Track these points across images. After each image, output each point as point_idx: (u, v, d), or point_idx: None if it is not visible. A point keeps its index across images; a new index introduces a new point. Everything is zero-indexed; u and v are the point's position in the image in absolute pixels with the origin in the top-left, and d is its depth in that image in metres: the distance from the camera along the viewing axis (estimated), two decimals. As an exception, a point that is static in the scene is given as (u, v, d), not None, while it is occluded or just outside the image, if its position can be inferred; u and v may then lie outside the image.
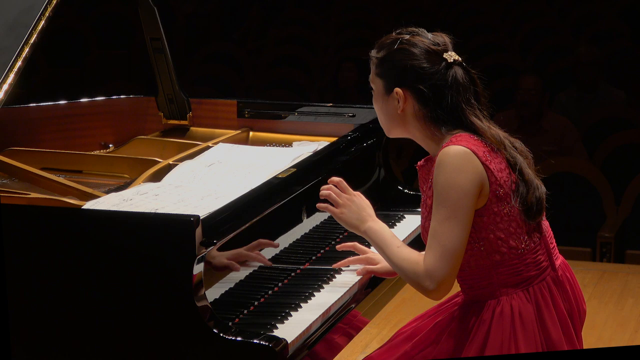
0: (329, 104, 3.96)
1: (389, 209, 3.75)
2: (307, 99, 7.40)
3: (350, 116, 3.86)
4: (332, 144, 3.62)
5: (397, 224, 3.62)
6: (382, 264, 3.06)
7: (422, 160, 2.88)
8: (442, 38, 2.81)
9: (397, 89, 2.79)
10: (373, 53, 2.85)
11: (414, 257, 2.76)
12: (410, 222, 3.64)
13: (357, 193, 2.92)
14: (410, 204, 3.75)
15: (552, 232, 2.88)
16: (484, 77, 2.84)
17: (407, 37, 2.80)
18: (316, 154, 3.49)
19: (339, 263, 3.12)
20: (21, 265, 2.69)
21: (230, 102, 4.03)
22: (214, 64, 9.40)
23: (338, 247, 3.12)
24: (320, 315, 2.85)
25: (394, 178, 3.88)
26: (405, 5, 9.77)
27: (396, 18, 9.63)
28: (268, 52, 9.64)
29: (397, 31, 2.85)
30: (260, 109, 3.99)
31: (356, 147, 3.68)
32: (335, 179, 2.93)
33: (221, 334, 2.57)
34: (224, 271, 2.82)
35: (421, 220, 2.87)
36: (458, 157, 2.68)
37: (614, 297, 5.57)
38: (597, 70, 7.53)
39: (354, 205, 2.89)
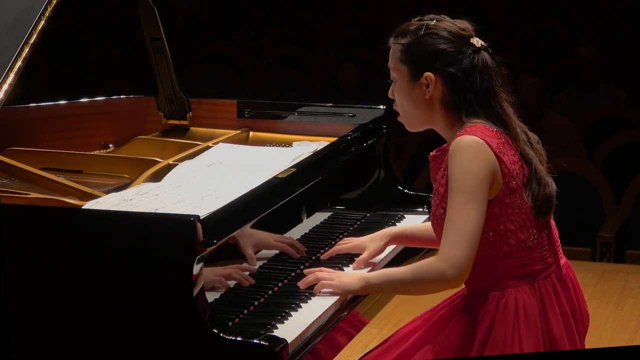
0: (329, 104, 3.96)
1: (389, 209, 3.75)
2: (307, 99, 7.40)
3: (350, 116, 3.86)
4: (332, 144, 3.62)
5: (397, 224, 3.61)
6: (369, 251, 3.12)
7: (435, 150, 2.88)
8: (466, 24, 2.85)
9: (428, 74, 2.78)
10: (394, 40, 2.86)
11: (423, 261, 2.80)
12: (410, 222, 3.64)
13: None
14: (410, 204, 3.75)
15: (557, 232, 2.89)
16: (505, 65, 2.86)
17: (433, 22, 2.82)
18: (316, 154, 3.49)
19: (326, 254, 3.17)
20: (21, 265, 2.68)
21: (230, 102, 4.03)
22: (214, 64, 9.40)
23: (322, 256, 3.18)
24: (320, 316, 2.85)
25: (394, 178, 3.88)
26: (405, 5, 9.77)
27: (396, 18, 9.62)
28: (268, 52, 9.64)
29: (417, 18, 2.87)
30: (260, 109, 3.99)
31: (356, 147, 3.68)
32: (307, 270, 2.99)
33: (221, 334, 2.57)
34: (231, 263, 2.83)
35: (432, 208, 2.86)
36: (472, 146, 2.68)
37: (614, 297, 5.57)
38: (597, 70, 7.54)
39: (339, 272, 2.96)
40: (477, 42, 2.81)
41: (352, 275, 2.93)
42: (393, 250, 3.32)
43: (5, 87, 3.22)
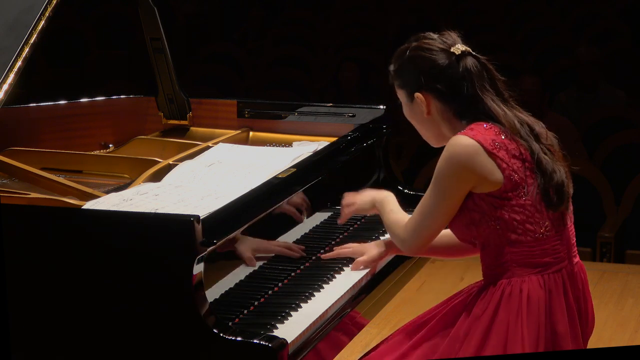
0: (329, 104, 3.96)
1: (389, 209, 3.74)
2: (307, 99, 7.40)
3: (350, 116, 3.86)
4: (332, 144, 3.62)
5: (397, 224, 3.62)
6: (369, 254, 3.17)
7: None
8: (449, 35, 2.90)
9: (418, 94, 2.88)
10: (390, 68, 2.96)
11: (401, 221, 2.98)
12: (410, 222, 3.64)
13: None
14: (411, 204, 3.72)
15: (574, 231, 2.92)
16: (496, 62, 2.91)
17: (415, 43, 2.90)
18: (316, 154, 3.49)
19: (327, 254, 3.20)
20: (21, 265, 2.69)
21: (230, 102, 4.03)
22: (214, 64, 9.40)
23: (323, 256, 3.21)
24: (320, 316, 2.85)
25: (394, 178, 3.88)
26: (405, 5, 9.77)
27: (396, 18, 9.63)
28: (268, 52, 9.63)
29: (407, 42, 2.94)
30: (260, 109, 3.99)
31: (356, 147, 3.68)
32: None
33: (221, 334, 2.57)
34: (231, 263, 2.83)
35: None
36: (461, 150, 2.76)
37: (614, 297, 5.57)
38: (597, 70, 7.53)
39: (364, 193, 3.18)
40: (457, 49, 2.85)
41: (366, 201, 3.16)
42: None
43: (5, 87, 3.22)
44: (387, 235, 3.39)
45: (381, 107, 3.85)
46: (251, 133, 3.96)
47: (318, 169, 3.37)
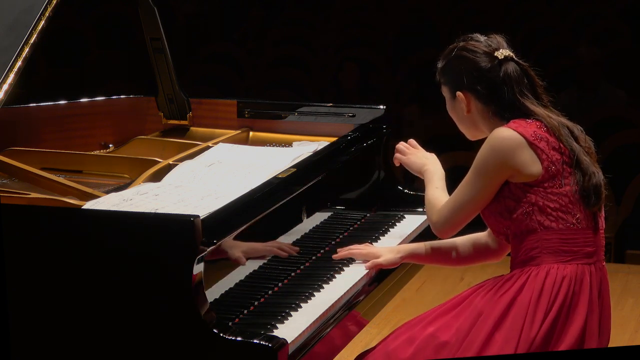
0: (329, 104, 3.97)
1: (389, 209, 3.75)
2: (307, 99, 7.39)
3: (350, 116, 3.86)
4: (332, 144, 3.62)
5: (397, 224, 3.62)
6: (385, 257, 3.16)
7: None
8: (495, 39, 3.01)
9: (459, 93, 3.00)
10: (438, 65, 3.06)
11: (439, 200, 3.03)
12: (410, 222, 3.64)
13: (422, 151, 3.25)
14: (411, 204, 3.75)
15: (604, 234, 2.96)
16: (538, 68, 3.02)
17: (462, 43, 3.00)
18: (316, 154, 3.49)
19: (339, 255, 3.19)
20: (21, 265, 2.69)
21: (230, 102, 4.03)
22: (214, 64, 9.39)
23: (334, 256, 3.20)
24: (320, 315, 2.85)
25: (394, 178, 3.88)
26: (405, 5, 9.76)
27: (396, 18, 9.62)
28: (268, 52, 9.63)
29: (456, 41, 3.04)
30: (260, 109, 3.99)
31: (356, 147, 3.69)
32: (411, 140, 3.26)
33: (221, 334, 2.57)
34: (231, 264, 2.83)
35: None
36: (503, 142, 2.86)
37: (614, 297, 5.55)
38: (597, 70, 7.53)
39: (420, 153, 3.21)
40: (500, 54, 2.96)
41: (419, 163, 3.19)
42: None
43: (5, 87, 3.22)
44: (389, 234, 3.39)
45: (381, 107, 3.86)
46: (251, 133, 3.96)
47: (318, 169, 3.37)
